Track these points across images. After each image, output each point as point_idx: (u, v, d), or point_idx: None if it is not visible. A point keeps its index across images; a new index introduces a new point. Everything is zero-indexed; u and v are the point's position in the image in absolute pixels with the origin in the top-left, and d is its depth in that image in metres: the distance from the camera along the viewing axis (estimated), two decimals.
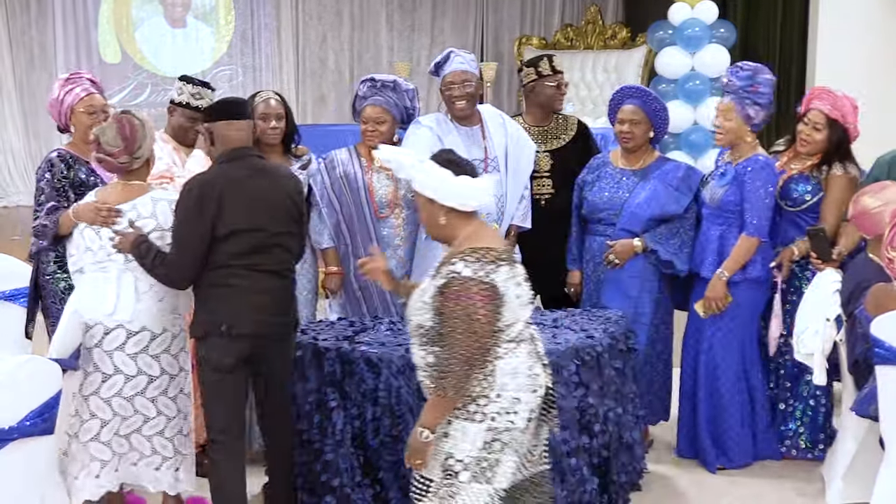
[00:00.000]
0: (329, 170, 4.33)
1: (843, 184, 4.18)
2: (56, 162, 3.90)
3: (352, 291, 4.34)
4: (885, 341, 3.35)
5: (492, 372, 2.74)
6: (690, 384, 4.34)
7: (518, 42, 10.08)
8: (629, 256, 4.23)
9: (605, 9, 10.51)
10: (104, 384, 3.40)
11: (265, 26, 9.97)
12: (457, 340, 2.67)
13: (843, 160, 4.21)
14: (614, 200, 4.29)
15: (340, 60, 10.22)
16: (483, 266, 2.70)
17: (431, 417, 2.74)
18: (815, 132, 4.20)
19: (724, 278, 4.13)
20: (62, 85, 3.97)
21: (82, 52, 9.61)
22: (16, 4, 9.37)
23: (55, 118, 4.03)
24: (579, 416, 3.59)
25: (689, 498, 4.07)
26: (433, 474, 2.78)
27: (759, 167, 4.16)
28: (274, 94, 4.36)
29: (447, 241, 2.88)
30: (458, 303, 2.68)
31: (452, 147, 4.28)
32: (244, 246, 3.34)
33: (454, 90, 4.34)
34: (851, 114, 4.19)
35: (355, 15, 10.20)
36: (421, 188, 2.86)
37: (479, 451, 2.74)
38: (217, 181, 3.36)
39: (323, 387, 3.53)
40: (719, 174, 4.26)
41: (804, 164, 4.27)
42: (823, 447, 4.29)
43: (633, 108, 4.28)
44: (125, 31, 9.78)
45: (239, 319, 3.27)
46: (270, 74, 9.99)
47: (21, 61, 9.51)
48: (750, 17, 8.99)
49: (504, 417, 2.74)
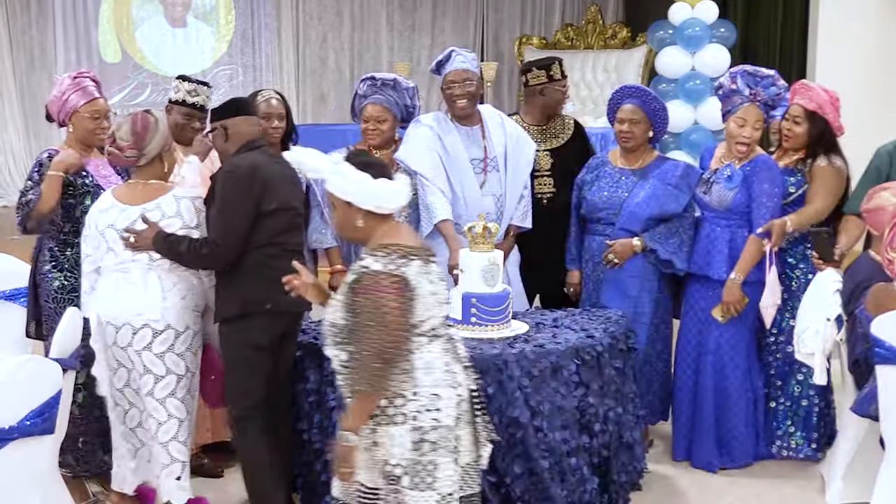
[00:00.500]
0: None
1: (828, 173, 4.19)
2: (46, 162, 3.88)
3: None
4: (885, 341, 3.35)
5: (407, 370, 2.72)
6: (690, 385, 4.32)
7: (518, 42, 10.08)
8: (629, 256, 4.23)
9: (606, 8, 10.51)
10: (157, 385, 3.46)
11: (265, 26, 9.97)
12: (369, 335, 2.65)
13: (828, 153, 4.21)
14: (613, 200, 4.29)
15: (341, 60, 10.23)
16: (393, 260, 2.70)
17: (353, 420, 2.72)
18: (796, 126, 4.21)
19: (740, 281, 4.13)
20: (70, 85, 3.95)
21: (82, 52, 9.60)
22: (16, 4, 9.37)
23: (53, 114, 4.01)
24: (579, 415, 3.59)
25: (689, 498, 4.07)
26: (377, 483, 2.76)
27: (766, 168, 4.17)
28: (275, 94, 4.38)
29: (363, 242, 2.87)
30: (367, 296, 2.67)
31: (452, 146, 4.32)
32: (283, 224, 3.49)
33: (455, 89, 4.34)
34: (828, 105, 4.19)
35: (355, 15, 10.20)
36: (338, 192, 2.83)
37: (412, 453, 2.72)
38: (257, 161, 3.49)
39: (323, 387, 3.53)
40: (725, 177, 4.21)
41: (791, 159, 4.28)
42: (816, 447, 4.28)
43: (633, 107, 4.27)
44: (125, 31, 9.78)
45: (282, 297, 3.27)
46: (271, 74, 10.00)
47: (21, 62, 9.51)
48: (750, 17, 8.99)
49: (427, 415, 2.72)
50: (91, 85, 3.99)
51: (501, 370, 3.43)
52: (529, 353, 3.49)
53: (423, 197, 4.25)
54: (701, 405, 4.29)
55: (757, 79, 4.22)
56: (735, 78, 4.24)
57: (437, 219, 4.20)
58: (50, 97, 4.03)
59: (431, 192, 4.22)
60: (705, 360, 4.26)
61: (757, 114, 4.18)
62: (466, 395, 2.83)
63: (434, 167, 4.25)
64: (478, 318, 3.70)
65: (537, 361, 3.48)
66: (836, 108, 4.21)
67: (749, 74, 4.24)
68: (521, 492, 3.44)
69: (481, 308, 3.69)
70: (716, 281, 4.20)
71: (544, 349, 3.54)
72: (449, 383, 2.76)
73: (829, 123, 4.20)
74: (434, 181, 4.23)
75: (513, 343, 3.61)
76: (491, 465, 3.42)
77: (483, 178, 4.35)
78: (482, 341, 3.63)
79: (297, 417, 3.64)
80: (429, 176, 4.24)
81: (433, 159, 4.26)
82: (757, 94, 4.18)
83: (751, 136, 4.18)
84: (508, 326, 3.77)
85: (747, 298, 4.15)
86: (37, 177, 3.87)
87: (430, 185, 4.23)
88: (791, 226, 4.13)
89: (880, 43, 7.64)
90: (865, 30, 7.67)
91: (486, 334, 3.68)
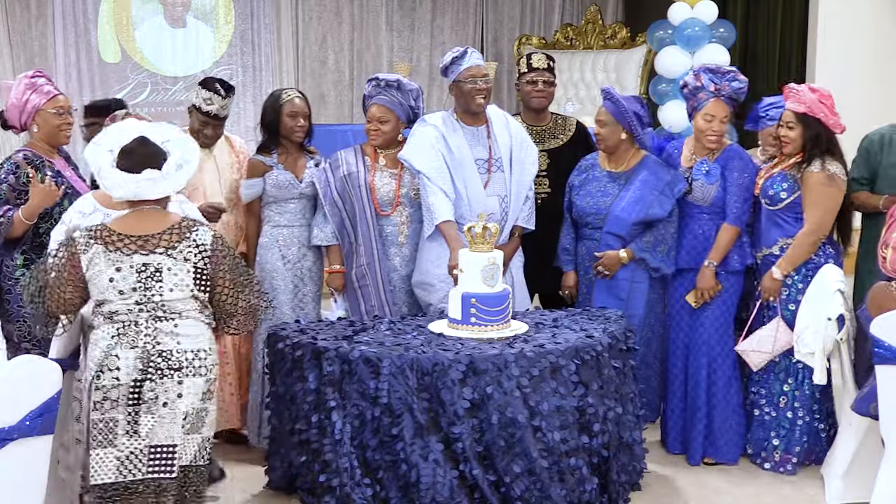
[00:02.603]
0: (333, 169, 4.38)
1: (818, 180, 4.11)
2: (23, 164, 3.83)
3: (351, 287, 4.36)
4: (884, 341, 3.35)
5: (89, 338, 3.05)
6: (682, 379, 4.38)
7: (518, 42, 10.05)
8: (617, 267, 4.29)
9: (605, 8, 10.49)
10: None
11: (265, 26, 9.94)
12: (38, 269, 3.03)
13: (824, 156, 4.14)
14: (600, 205, 4.36)
15: (340, 60, 10.20)
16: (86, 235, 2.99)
17: None
18: (790, 130, 4.21)
19: (713, 268, 4.24)
20: (26, 86, 3.91)
21: (82, 52, 9.57)
22: (16, 4, 9.35)
23: (13, 119, 3.94)
24: (579, 415, 3.59)
25: (689, 498, 4.07)
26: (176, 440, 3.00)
27: (738, 157, 4.30)
28: (297, 93, 4.43)
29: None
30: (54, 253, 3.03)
31: (457, 146, 4.32)
32: None
33: (478, 83, 4.32)
34: (817, 104, 4.14)
35: (355, 15, 10.17)
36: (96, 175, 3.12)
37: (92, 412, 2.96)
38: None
39: (322, 387, 3.53)
40: (704, 173, 4.29)
41: (787, 164, 4.26)
42: (797, 461, 4.22)
43: (603, 110, 4.38)
44: (125, 31, 9.76)
45: None
46: (270, 74, 9.98)
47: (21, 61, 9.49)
48: (750, 17, 8.97)
49: (92, 385, 2.96)
50: (47, 83, 3.96)
51: (501, 370, 3.43)
52: (529, 353, 3.49)
53: (425, 197, 4.25)
54: (693, 398, 4.34)
55: (719, 74, 4.31)
56: (699, 74, 4.34)
57: (438, 220, 4.19)
58: (5, 104, 3.95)
59: (433, 192, 4.22)
60: (695, 352, 4.33)
61: (723, 108, 4.27)
62: (127, 382, 2.94)
63: (437, 168, 4.24)
64: (477, 318, 3.70)
65: (537, 361, 3.49)
66: (827, 106, 4.16)
67: (712, 71, 4.34)
68: (520, 492, 3.44)
69: (481, 308, 3.70)
70: (718, 274, 4.27)
71: (544, 349, 3.54)
72: (106, 366, 2.95)
73: (822, 123, 4.15)
74: (436, 181, 4.22)
75: (512, 343, 3.61)
76: (491, 465, 3.43)
77: (487, 179, 4.34)
78: (482, 341, 3.63)
79: (297, 417, 3.64)
80: (431, 176, 4.23)
81: (437, 159, 4.26)
82: (721, 89, 4.27)
83: (719, 129, 4.27)
84: (508, 326, 3.78)
85: (720, 285, 4.25)
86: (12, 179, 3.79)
87: (431, 186, 4.22)
88: (781, 272, 4.15)
89: (880, 43, 7.63)
90: (865, 30, 7.66)
91: (486, 334, 3.69)
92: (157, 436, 2.96)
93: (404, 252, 4.38)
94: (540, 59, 4.72)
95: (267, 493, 3.96)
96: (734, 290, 4.32)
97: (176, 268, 2.97)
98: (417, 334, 3.76)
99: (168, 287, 2.97)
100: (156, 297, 2.96)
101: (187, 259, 2.97)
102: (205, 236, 3.02)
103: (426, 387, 3.43)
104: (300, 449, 3.66)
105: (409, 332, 3.80)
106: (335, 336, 3.73)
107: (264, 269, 4.40)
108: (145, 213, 3.04)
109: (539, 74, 4.70)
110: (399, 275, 4.38)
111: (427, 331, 3.81)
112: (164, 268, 2.96)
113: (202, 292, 3.02)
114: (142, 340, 2.96)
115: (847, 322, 3.90)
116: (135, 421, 2.95)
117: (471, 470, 3.42)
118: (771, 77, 8.23)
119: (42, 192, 3.71)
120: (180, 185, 3.09)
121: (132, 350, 2.95)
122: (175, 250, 2.96)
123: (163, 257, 2.96)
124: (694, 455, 4.35)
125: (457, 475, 3.42)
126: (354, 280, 4.33)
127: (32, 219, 3.74)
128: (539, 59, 4.72)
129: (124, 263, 2.95)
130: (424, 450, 3.41)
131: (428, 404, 3.43)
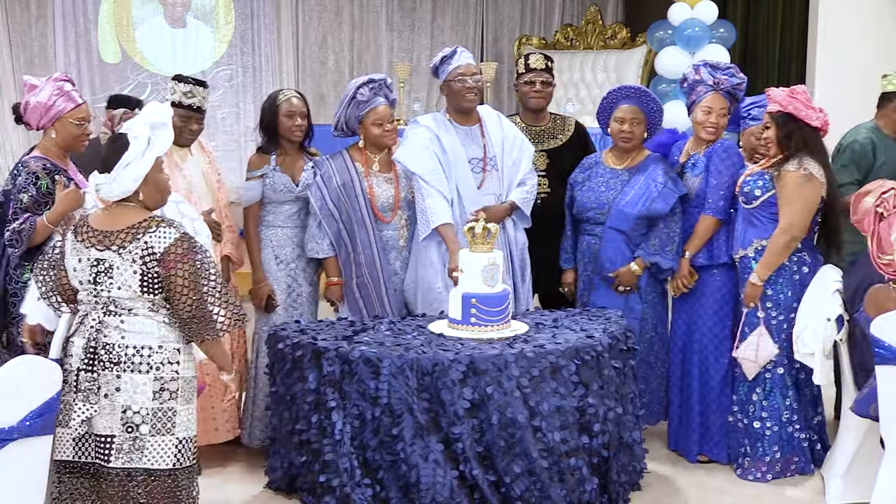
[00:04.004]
0: (326, 181, 4.29)
1: (793, 179, 4.01)
2: (41, 175, 3.80)
3: (352, 297, 4.33)
4: (884, 341, 3.35)
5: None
6: (678, 374, 4.41)
7: (518, 42, 10.05)
8: (634, 280, 4.32)
9: (605, 9, 10.49)
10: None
11: (265, 26, 9.95)
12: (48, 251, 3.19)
13: (802, 153, 4.04)
14: (602, 200, 4.36)
15: (340, 60, 10.20)
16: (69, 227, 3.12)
17: None
18: (767, 130, 4.18)
19: (689, 258, 4.28)
20: (55, 91, 3.86)
21: (82, 52, 9.57)
22: (16, 4, 9.35)
23: (33, 118, 3.90)
24: (579, 415, 3.59)
25: (689, 498, 4.07)
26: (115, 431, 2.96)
27: (722, 149, 4.30)
28: (295, 93, 4.40)
29: None
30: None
31: (451, 146, 4.31)
32: None
33: (467, 81, 4.32)
34: (787, 99, 4.06)
35: (355, 15, 10.18)
36: None
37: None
38: None
39: (322, 387, 3.53)
40: (690, 165, 4.33)
41: (768, 163, 4.17)
42: (766, 470, 4.17)
43: (634, 108, 4.37)
44: (125, 31, 9.76)
45: None
46: (270, 74, 9.98)
47: (21, 61, 9.48)
48: (750, 17, 8.96)
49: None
50: (73, 90, 3.93)
51: (501, 370, 3.44)
52: (529, 354, 3.49)
53: (420, 200, 4.23)
54: (690, 395, 4.35)
55: (719, 69, 4.35)
56: (698, 69, 4.38)
57: (436, 223, 4.17)
58: (29, 101, 3.89)
59: (429, 194, 4.20)
60: (690, 348, 4.35)
61: (722, 101, 4.30)
62: (73, 370, 2.99)
63: (432, 169, 4.24)
64: (477, 318, 3.70)
65: (537, 361, 3.49)
66: (800, 100, 4.06)
67: (711, 65, 4.37)
68: (520, 492, 3.44)
69: (481, 308, 3.70)
70: (706, 266, 4.31)
71: (544, 349, 3.54)
72: (66, 351, 3.05)
73: (796, 119, 4.05)
74: (433, 183, 4.21)
75: (512, 343, 3.61)
76: (491, 466, 3.44)
77: (482, 178, 4.34)
78: (482, 341, 3.63)
79: (297, 417, 3.64)
80: (427, 178, 4.22)
81: (431, 161, 4.25)
82: (720, 83, 4.30)
83: (717, 122, 4.30)
84: (508, 326, 3.78)
85: (696, 275, 4.29)
86: (34, 191, 3.76)
87: (427, 188, 4.21)
88: (759, 278, 4.08)
89: (880, 43, 7.62)
90: (865, 30, 7.65)
91: (486, 334, 3.69)
92: (96, 426, 2.98)
93: (405, 255, 4.37)
94: (538, 59, 4.72)
95: (267, 493, 3.96)
96: (724, 282, 4.29)
97: (123, 268, 2.95)
98: (417, 334, 3.76)
99: (116, 285, 2.96)
100: (104, 293, 2.98)
101: (134, 261, 2.94)
102: (162, 239, 2.95)
103: (426, 387, 3.43)
104: (300, 449, 3.66)
105: (410, 332, 3.80)
106: (335, 336, 3.73)
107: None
108: (117, 210, 3.04)
109: (537, 75, 4.69)
110: (400, 278, 4.37)
111: (427, 331, 3.81)
112: (114, 266, 2.96)
113: (151, 293, 2.97)
114: (90, 331, 3.00)
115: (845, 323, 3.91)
116: (70, 408, 2.99)
117: (471, 470, 3.42)
118: (771, 77, 8.22)
119: (68, 196, 3.73)
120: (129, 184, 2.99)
121: (82, 339, 3.00)
122: (125, 250, 2.95)
123: (114, 255, 2.96)
124: (690, 452, 4.37)
125: (457, 475, 3.42)
126: (355, 290, 4.30)
127: (56, 224, 3.73)
128: (537, 59, 4.72)
129: (83, 255, 3.00)
130: (424, 450, 3.41)
131: (428, 404, 3.43)
